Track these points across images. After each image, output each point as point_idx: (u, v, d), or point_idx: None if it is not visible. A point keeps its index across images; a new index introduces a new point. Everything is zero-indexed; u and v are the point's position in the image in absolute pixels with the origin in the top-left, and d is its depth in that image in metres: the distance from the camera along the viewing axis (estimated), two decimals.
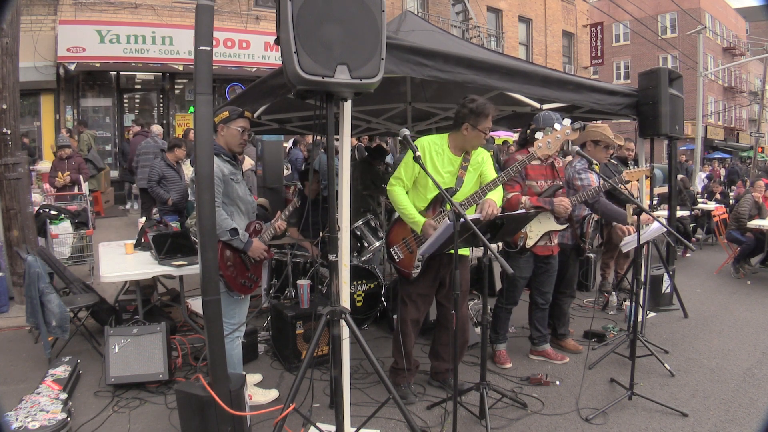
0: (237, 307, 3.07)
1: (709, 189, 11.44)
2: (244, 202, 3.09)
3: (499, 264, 2.36)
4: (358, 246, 4.65)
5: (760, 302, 5.52)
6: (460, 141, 3.09)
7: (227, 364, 3.04)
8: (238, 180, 3.06)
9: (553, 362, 3.86)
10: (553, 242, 3.69)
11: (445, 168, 3.07)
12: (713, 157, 25.82)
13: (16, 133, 5.12)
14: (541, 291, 3.83)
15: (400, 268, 3.20)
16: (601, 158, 4.03)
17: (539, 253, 3.64)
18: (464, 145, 3.09)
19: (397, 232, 3.21)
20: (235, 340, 3.06)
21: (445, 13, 16.09)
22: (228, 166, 2.98)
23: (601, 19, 20.66)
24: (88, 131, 10.46)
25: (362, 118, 5.67)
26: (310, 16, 2.03)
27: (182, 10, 11.43)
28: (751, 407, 3.17)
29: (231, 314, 3.02)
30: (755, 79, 33.67)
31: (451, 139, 3.12)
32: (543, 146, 3.06)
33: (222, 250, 2.93)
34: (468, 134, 3.04)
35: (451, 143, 3.12)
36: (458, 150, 3.12)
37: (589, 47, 20.75)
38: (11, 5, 4.93)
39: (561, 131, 3.02)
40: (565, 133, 3.00)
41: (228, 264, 2.96)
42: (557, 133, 3.03)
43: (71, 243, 5.77)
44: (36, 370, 3.65)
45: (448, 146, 3.10)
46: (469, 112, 3.00)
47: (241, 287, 3.02)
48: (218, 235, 2.88)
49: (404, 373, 3.26)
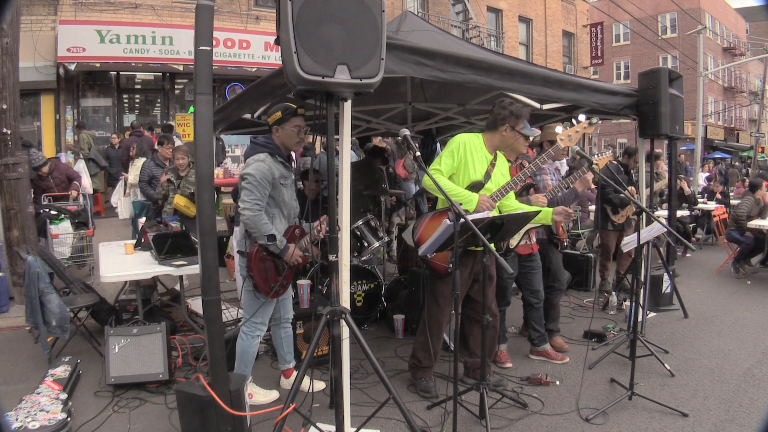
0: (261, 307, 3.06)
1: (709, 189, 11.43)
2: (288, 206, 3.10)
3: (500, 264, 2.37)
4: (358, 246, 4.65)
5: (760, 302, 5.52)
6: (497, 141, 3.22)
7: (241, 361, 3.09)
8: (287, 184, 3.07)
9: (553, 362, 3.86)
10: (532, 240, 3.78)
11: (481, 164, 3.18)
12: (710, 158, 25.81)
13: (16, 133, 5.12)
14: (532, 290, 3.86)
15: (436, 263, 3.15)
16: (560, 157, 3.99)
17: (521, 252, 3.71)
18: (501, 145, 3.24)
19: (428, 228, 3.15)
20: (255, 338, 3.08)
21: (445, 13, 16.09)
22: (281, 168, 3.00)
23: (601, 19, 20.66)
24: (86, 131, 10.47)
25: (362, 118, 5.67)
26: (310, 16, 2.03)
27: (182, 10, 11.43)
28: (751, 407, 3.17)
29: (252, 312, 3.06)
30: (755, 79, 33.66)
31: (487, 139, 3.25)
32: (565, 139, 3.21)
33: (257, 252, 2.95)
34: (506, 135, 3.17)
35: (488, 143, 3.24)
36: (493, 149, 3.25)
37: (589, 47, 20.75)
38: (11, 5, 4.93)
39: (580, 125, 3.19)
40: (583, 127, 3.18)
41: (260, 267, 2.97)
42: (577, 127, 3.19)
43: (71, 243, 5.77)
44: (36, 370, 3.65)
45: (484, 145, 3.23)
46: (510, 114, 3.14)
47: (269, 291, 3.01)
48: (255, 237, 2.93)
49: (427, 369, 3.32)
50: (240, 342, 3.11)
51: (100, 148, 10.55)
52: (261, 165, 2.93)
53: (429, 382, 3.31)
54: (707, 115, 26.80)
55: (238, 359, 3.12)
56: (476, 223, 2.48)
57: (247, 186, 2.90)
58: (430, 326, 3.24)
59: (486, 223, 2.65)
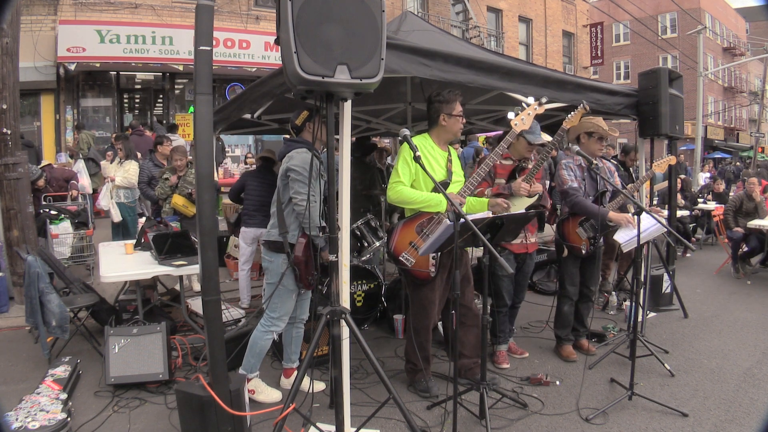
0: (280, 302, 3.12)
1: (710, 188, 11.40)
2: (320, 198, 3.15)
3: (499, 264, 2.37)
4: (358, 246, 4.64)
5: (760, 302, 5.51)
6: (443, 133, 3.26)
7: (251, 352, 3.14)
8: (324, 176, 3.10)
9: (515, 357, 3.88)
10: (528, 240, 3.69)
11: (438, 163, 3.21)
12: (710, 158, 25.80)
13: (16, 133, 5.12)
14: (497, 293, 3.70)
15: (416, 270, 3.16)
16: (595, 150, 3.87)
17: (516, 251, 3.66)
18: (447, 135, 3.27)
19: (402, 238, 3.19)
20: (269, 333, 3.12)
21: (445, 13, 16.09)
22: (317, 161, 3.04)
23: (601, 19, 20.65)
24: (86, 131, 10.46)
25: (362, 118, 5.67)
26: (310, 16, 2.03)
27: (182, 10, 11.43)
28: (751, 407, 3.17)
29: (273, 307, 3.11)
30: (755, 79, 33.66)
31: (434, 136, 3.27)
32: (519, 123, 3.21)
33: (306, 245, 3.01)
34: (447, 123, 3.20)
35: (436, 139, 3.27)
36: (443, 144, 3.30)
37: (589, 47, 20.74)
38: (11, 5, 4.93)
39: (531, 107, 3.21)
40: (534, 109, 3.20)
41: (305, 259, 3.03)
42: (528, 110, 3.21)
43: (71, 243, 5.77)
44: (36, 370, 3.65)
45: (434, 143, 3.25)
46: (440, 103, 3.19)
47: (309, 283, 3.12)
48: (306, 228, 2.99)
49: (422, 371, 3.33)
50: (255, 334, 3.16)
51: (100, 148, 10.54)
52: (306, 156, 3.00)
53: (428, 383, 3.31)
54: (707, 115, 26.80)
55: (249, 350, 3.17)
56: (476, 223, 2.48)
57: (298, 178, 2.97)
58: (416, 332, 3.26)
59: (486, 223, 2.65)
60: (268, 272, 3.19)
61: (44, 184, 6.37)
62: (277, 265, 3.10)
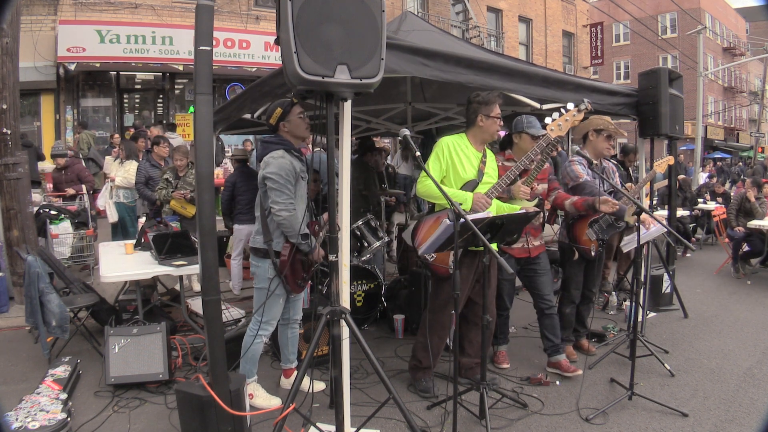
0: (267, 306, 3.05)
1: (710, 188, 11.39)
2: (303, 200, 3.10)
3: (499, 264, 2.37)
4: (358, 246, 4.65)
5: (760, 302, 5.51)
6: (480, 134, 3.25)
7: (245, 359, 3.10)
8: (305, 177, 3.08)
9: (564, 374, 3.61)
10: (531, 244, 3.57)
11: (471, 163, 3.21)
12: (710, 158, 25.78)
13: (16, 133, 5.13)
14: (539, 295, 3.63)
15: (438, 265, 3.15)
16: (603, 148, 3.81)
17: (516, 255, 3.55)
18: (484, 136, 3.26)
19: (426, 232, 3.15)
20: (258, 337, 3.08)
21: (445, 13, 16.08)
22: (297, 162, 3.00)
23: (601, 19, 20.65)
24: (86, 131, 10.46)
25: (362, 118, 5.67)
26: (310, 16, 2.03)
27: (182, 10, 11.43)
28: (751, 407, 3.17)
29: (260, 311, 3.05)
30: (755, 79, 33.66)
31: (470, 136, 3.27)
32: (555, 128, 3.20)
33: (291, 252, 2.97)
34: (485, 124, 3.20)
35: (472, 139, 3.27)
36: (480, 144, 3.28)
37: (589, 47, 20.73)
38: (11, 5, 4.93)
39: (569, 114, 3.19)
40: (572, 116, 3.19)
41: (293, 267, 3.01)
42: (566, 116, 3.19)
43: (71, 243, 5.77)
44: (36, 370, 3.65)
45: (470, 143, 3.25)
46: (479, 104, 3.19)
47: (298, 287, 3.11)
48: (289, 236, 2.94)
49: (427, 370, 3.33)
50: (245, 339, 3.13)
51: (100, 148, 10.54)
52: (282, 162, 2.93)
53: (428, 383, 3.32)
54: (707, 115, 26.80)
55: (243, 357, 3.14)
56: (476, 223, 2.48)
57: (275, 186, 2.89)
58: (432, 328, 3.24)
59: (486, 223, 2.65)
60: (256, 277, 3.13)
61: (63, 165, 6.70)
62: (264, 270, 3.06)
